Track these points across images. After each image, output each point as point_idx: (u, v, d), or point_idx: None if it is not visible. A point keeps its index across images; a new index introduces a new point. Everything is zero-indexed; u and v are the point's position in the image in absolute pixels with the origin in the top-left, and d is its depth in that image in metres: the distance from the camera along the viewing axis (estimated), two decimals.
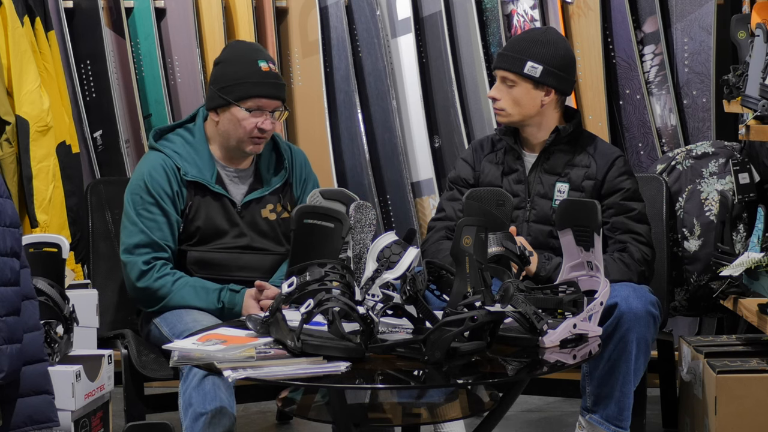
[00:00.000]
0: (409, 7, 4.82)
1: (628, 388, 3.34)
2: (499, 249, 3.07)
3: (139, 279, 3.49)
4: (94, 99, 4.79)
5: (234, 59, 3.58)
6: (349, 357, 2.64)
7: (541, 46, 3.60)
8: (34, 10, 4.31)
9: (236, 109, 3.52)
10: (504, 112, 3.63)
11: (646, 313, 3.30)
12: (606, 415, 3.36)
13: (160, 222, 3.51)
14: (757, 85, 3.53)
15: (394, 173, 4.86)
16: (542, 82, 3.59)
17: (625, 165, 3.63)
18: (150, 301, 3.50)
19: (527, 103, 3.60)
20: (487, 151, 3.75)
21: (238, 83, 3.53)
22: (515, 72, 3.60)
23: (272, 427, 4.22)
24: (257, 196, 3.61)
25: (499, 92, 3.65)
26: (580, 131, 3.69)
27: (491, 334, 2.77)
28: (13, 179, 4.18)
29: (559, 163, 3.63)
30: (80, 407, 3.14)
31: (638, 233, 3.55)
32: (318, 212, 2.93)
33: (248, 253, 3.58)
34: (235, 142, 3.56)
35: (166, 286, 3.48)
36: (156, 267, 3.49)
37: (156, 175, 3.54)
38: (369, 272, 2.81)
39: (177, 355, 2.77)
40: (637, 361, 3.32)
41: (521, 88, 3.60)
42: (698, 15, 4.63)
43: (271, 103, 3.54)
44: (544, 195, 3.61)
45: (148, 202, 3.52)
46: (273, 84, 3.55)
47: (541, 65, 3.58)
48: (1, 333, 2.59)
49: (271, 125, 3.55)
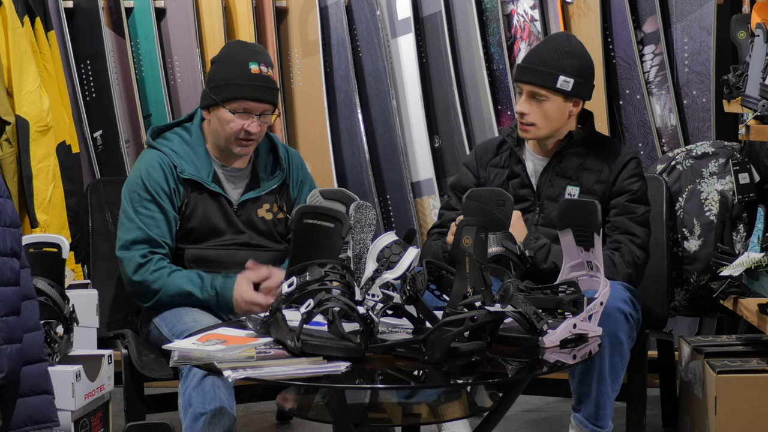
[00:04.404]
0: (409, 7, 4.82)
1: (604, 386, 3.31)
2: (499, 249, 3.07)
3: (136, 272, 3.49)
4: (94, 99, 4.79)
5: (226, 59, 3.59)
6: (349, 357, 2.64)
7: (570, 58, 3.54)
8: (34, 10, 4.31)
9: (223, 110, 3.53)
10: (533, 127, 3.55)
11: (616, 310, 3.26)
12: (586, 414, 3.35)
13: (158, 219, 3.51)
14: (757, 85, 3.52)
15: (394, 173, 4.86)
16: (574, 94, 3.55)
17: (637, 167, 3.61)
18: (146, 294, 3.50)
19: (557, 117, 3.55)
20: (491, 156, 3.71)
21: (226, 84, 3.53)
22: (547, 87, 3.53)
23: (272, 427, 4.22)
24: (253, 196, 3.61)
25: (528, 107, 3.55)
26: (594, 134, 3.67)
27: (491, 334, 2.77)
28: (13, 179, 4.17)
29: (571, 167, 3.60)
30: (80, 407, 3.14)
31: (636, 235, 3.54)
32: (318, 212, 2.93)
33: (245, 249, 3.58)
34: (223, 142, 3.57)
35: (162, 278, 3.47)
36: (153, 260, 3.49)
37: (153, 172, 3.54)
38: (369, 272, 2.81)
39: (177, 355, 2.76)
40: (611, 359, 3.29)
41: (553, 103, 3.54)
42: (698, 15, 4.63)
43: (257, 106, 3.53)
44: (554, 198, 3.58)
45: (146, 199, 3.52)
46: (260, 87, 3.53)
47: (573, 78, 3.52)
48: (1, 333, 2.59)
49: (257, 128, 3.53)
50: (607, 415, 3.34)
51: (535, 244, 3.46)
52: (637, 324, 3.42)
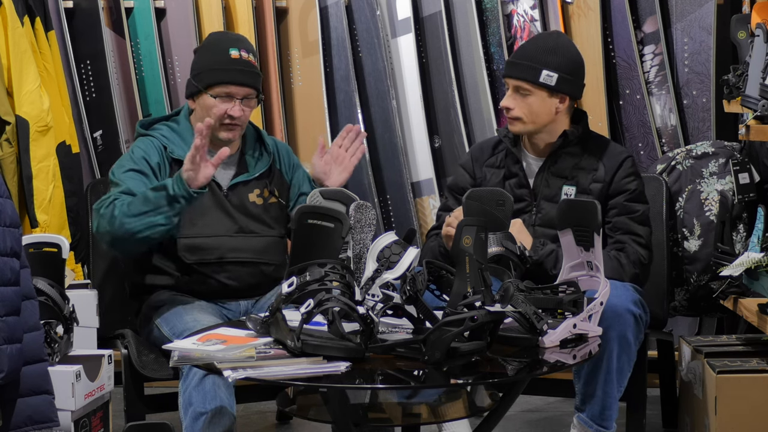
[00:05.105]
0: (409, 7, 4.82)
1: (611, 387, 3.32)
2: (499, 249, 3.07)
3: (101, 204, 3.42)
4: (94, 99, 4.79)
5: (207, 47, 3.66)
6: (349, 357, 2.64)
7: (554, 54, 3.56)
8: (34, 10, 4.31)
9: (206, 96, 3.56)
10: (519, 121, 3.58)
11: (626, 311, 3.27)
12: (591, 415, 3.35)
13: (138, 181, 3.49)
14: (757, 85, 3.52)
15: (394, 173, 4.86)
16: (558, 89, 3.56)
17: (632, 166, 3.62)
18: (105, 221, 3.39)
19: (542, 112, 3.57)
20: (487, 156, 3.72)
21: (207, 70, 3.57)
22: (530, 81, 3.55)
23: (272, 427, 4.22)
24: (243, 180, 3.62)
25: (513, 101, 3.58)
26: (588, 134, 3.68)
27: (491, 334, 2.77)
28: (13, 179, 4.18)
29: (567, 167, 3.61)
30: (80, 407, 3.15)
31: (638, 234, 3.54)
32: (318, 212, 2.93)
33: (239, 235, 3.58)
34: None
35: (113, 207, 3.39)
36: (112, 200, 3.41)
37: (143, 146, 3.58)
38: (369, 272, 2.81)
39: (177, 355, 2.76)
40: (619, 360, 3.30)
41: (537, 97, 3.56)
42: (698, 15, 4.63)
43: (240, 90, 3.56)
44: (550, 198, 3.59)
45: (131, 168, 3.52)
46: (240, 71, 3.56)
47: (557, 73, 3.54)
48: (1, 333, 2.59)
49: (240, 112, 3.55)
50: (612, 415, 3.35)
51: (543, 250, 3.47)
52: (645, 325, 3.43)
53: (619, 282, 3.38)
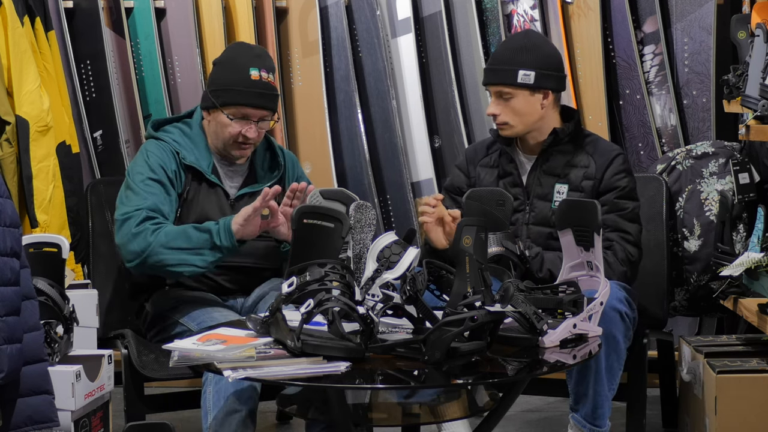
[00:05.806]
0: (409, 7, 4.82)
1: (601, 386, 3.32)
2: (499, 249, 3.07)
3: (137, 226, 3.41)
4: (94, 99, 4.79)
5: (228, 62, 3.60)
6: (349, 357, 2.64)
7: (527, 52, 3.57)
8: (34, 10, 4.31)
9: (222, 114, 3.55)
10: (507, 125, 3.59)
11: (611, 309, 3.26)
12: (584, 414, 3.36)
13: (161, 195, 3.49)
14: (757, 85, 3.52)
15: (394, 173, 4.86)
16: (538, 86, 3.57)
17: (623, 163, 3.62)
18: (142, 245, 3.39)
19: (528, 111, 3.58)
20: (481, 156, 3.74)
21: (226, 89, 3.54)
22: (509, 84, 3.56)
23: (272, 427, 4.22)
24: (251, 191, 3.62)
25: (498, 107, 3.60)
26: (579, 131, 3.69)
27: (491, 334, 2.77)
28: (13, 179, 4.17)
29: (559, 165, 3.62)
30: (80, 407, 3.14)
31: (627, 232, 3.54)
32: (318, 212, 2.93)
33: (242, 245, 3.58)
34: (221, 144, 3.59)
35: (160, 228, 3.40)
36: (153, 219, 3.42)
37: (158, 154, 3.55)
38: (369, 272, 2.80)
39: (177, 355, 2.77)
40: (608, 358, 3.30)
41: (519, 98, 3.57)
42: (698, 15, 4.63)
43: (256, 113, 3.55)
44: (543, 197, 3.60)
45: (150, 178, 3.51)
46: (259, 94, 3.54)
47: (533, 70, 3.55)
48: (1, 333, 2.59)
49: (255, 134, 3.55)
50: (604, 414, 3.35)
51: (529, 253, 3.46)
52: (633, 323, 3.42)
53: (607, 281, 3.37)
